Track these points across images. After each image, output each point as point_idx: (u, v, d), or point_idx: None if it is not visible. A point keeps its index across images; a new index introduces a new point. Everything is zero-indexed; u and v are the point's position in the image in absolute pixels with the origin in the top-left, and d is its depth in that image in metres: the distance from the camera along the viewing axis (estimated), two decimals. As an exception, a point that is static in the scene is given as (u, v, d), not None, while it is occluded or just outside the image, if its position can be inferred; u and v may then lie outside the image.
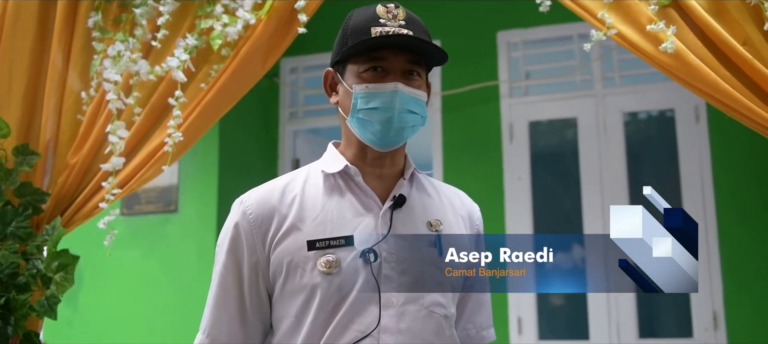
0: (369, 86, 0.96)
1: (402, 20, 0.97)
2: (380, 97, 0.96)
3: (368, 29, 0.96)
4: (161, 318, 2.53)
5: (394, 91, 0.96)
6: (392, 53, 0.96)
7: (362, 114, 0.97)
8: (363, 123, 0.98)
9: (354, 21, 0.99)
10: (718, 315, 2.48)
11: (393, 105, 0.96)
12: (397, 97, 0.96)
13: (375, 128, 0.97)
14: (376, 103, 0.96)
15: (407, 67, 0.97)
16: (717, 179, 2.55)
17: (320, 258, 0.94)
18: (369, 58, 0.97)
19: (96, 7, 1.77)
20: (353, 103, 0.98)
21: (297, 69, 3.13)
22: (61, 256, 1.66)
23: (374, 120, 0.96)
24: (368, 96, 0.96)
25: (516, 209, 2.72)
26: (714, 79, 1.31)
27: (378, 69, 0.97)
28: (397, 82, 0.96)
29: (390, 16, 0.97)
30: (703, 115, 2.61)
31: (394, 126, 0.97)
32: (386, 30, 0.95)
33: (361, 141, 1.00)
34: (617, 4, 1.41)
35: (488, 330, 1.10)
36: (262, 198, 0.99)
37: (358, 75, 0.97)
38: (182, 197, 2.62)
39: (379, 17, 0.97)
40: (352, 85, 0.98)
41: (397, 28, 0.96)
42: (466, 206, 1.09)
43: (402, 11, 0.98)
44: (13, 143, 1.68)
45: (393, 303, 0.94)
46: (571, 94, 2.79)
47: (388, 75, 0.97)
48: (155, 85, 1.70)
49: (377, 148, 0.99)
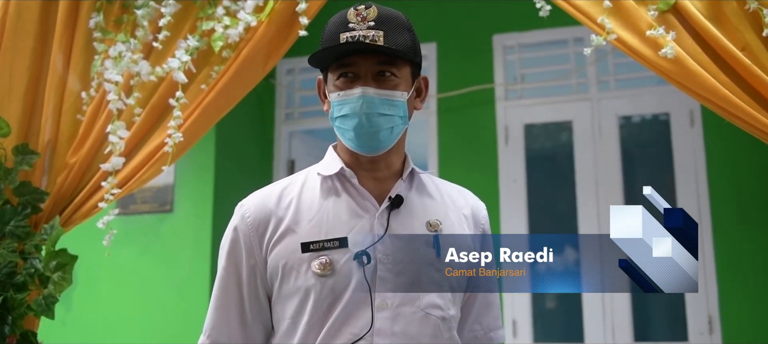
0: (340, 94, 0.97)
1: (371, 21, 0.96)
2: (349, 104, 0.96)
3: (337, 36, 0.96)
4: (156, 317, 2.52)
5: (361, 95, 0.95)
6: (361, 57, 0.96)
7: (338, 122, 0.98)
8: (340, 131, 0.99)
9: (328, 28, 0.99)
10: (714, 318, 2.49)
11: (360, 109, 0.96)
12: (363, 102, 0.96)
13: (350, 135, 0.98)
14: (346, 109, 0.96)
15: (378, 69, 0.96)
16: (712, 183, 2.57)
17: (314, 260, 0.94)
18: (339, 65, 0.97)
19: (97, 8, 1.78)
20: (331, 111, 0.99)
21: (293, 70, 3.14)
22: (60, 256, 1.66)
23: (347, 127, 0.97)
24: (340, 103, 0.97)
25: (511, 211, 2.74)
26: (713, 84, 1.33)
27: (348, 75, 0.97)
28: (365, 85, 0.96)
29: (359, 19, 0.96)
30: (697, 119, 2.64)
31: (366, 130, 0.96)
32: (353, 35, 0.95)
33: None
34: (617, 9, 1.43)
35: (497, 332, 1.09)
36: (260, 201, 1.00)
37: (333, 83, 0.98)
38: (178, 197, 2.62)
39: (348, 22, 0.96)
40: (329, 93, 0.99)
41: (365, 31, 0.95)
42: (470, 204, 1.08)
43: (373, 11, 0.97)
44: (12, 142, 1.68)
45: (387, 305, 0.94)
46: (567, 97, 2.81)
47: (358, 80, 0.97)
48: (156, 85, 1.70)
49: (362, 152, 1.00)
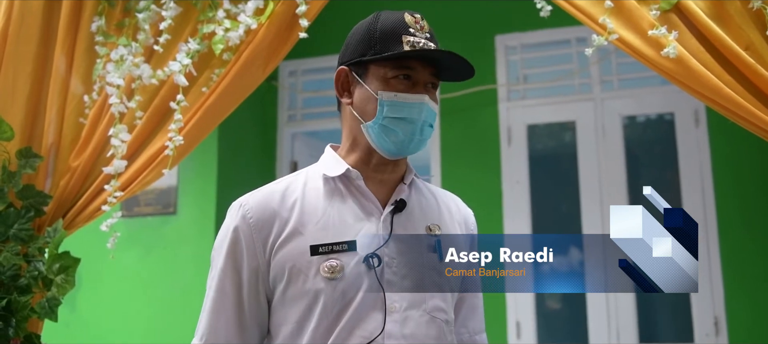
0: (398, 95, 0.95)
1: (427, 33, 0.98)
2: (409, 108, 0.95)
3: (399, 36, 0.95)
4: (159, 319, 2.52)
5: (422, 103, 0.96)
6: (420, 64, 0.97)
7: (388, 122, 0.96)
8: (386, 131, 0.97)
9: (383, 24, 0.97)
10: (720, 319, 2.47)
11: (420, 117, 0.96)
12: (424, 110, 0.96)
13: (398, 138, 0.96)
14: (404, 113, 0.95)
15: (431, 79, 0.98)
16: (717, 183, 2.55)
17: (323, 263, 0.93)
18: (400, 65, 0.96)
19: (99, 12, 1.78)
20: (379, 109, 0.96)
21: (296, 72, 3.14)
22: (62, 258, 1.66)
23: (399, 129, 0.96)
24: (396, 105, 0.95)
25: (514, 212, 2.72)
26: (716, 83, 1.32)
27: (409, 78, 0.96)
28: (425, 93, 0.96)
29: (418, 26, 0.98)
30: (702, 119, 2.61)
31: (417, 138, 0.97)
32: (417, 40, 0.96)
33: (370, 146, 0.99)
34: (618, 9, 1.42)
35: (481, 335, 1.09)
36: (263, 201, 0.97)
37: (386, 81, 0.96)
38: (181, 199, 2.62)
39: (408, 26, 0.97)
40: (377, 91, 0.96)
41: (425, 40, 0.96)
42: (461, 211, 1.10)
43: (426, 23, 0.99)
44: (16, 146, 1.69)
45: (396, 308, 0.94)
46: (570, 97, 2.79)
47: (416, 86, 0.97)
48: (157, 88, 1.71)
49: (391, 156, 0.99)
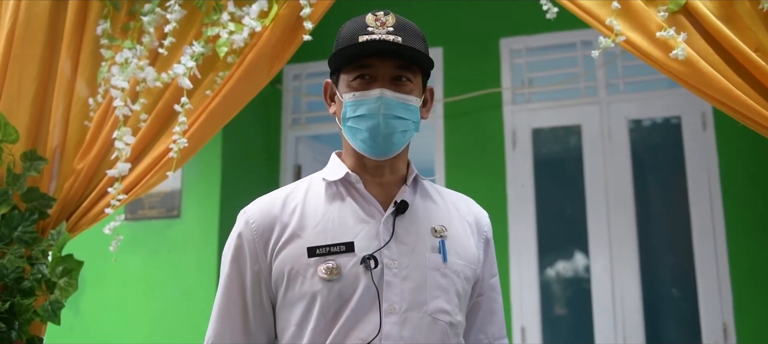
0: (356, 94, 0.97)
1: (390, 27, 0.97)
2: (366, 104, 0.96)
3: (356, 37, 0.97)
4: (163, 322, 2.52)
5: (380, 96, 0.96)
6: (379, 60, 0.97)
7: (351, 122, 0.98)
8: (353, 131, 0.99)
9: (344, 31, 1.00)
10: (728, 326, 2.44)
11: (378, 111, 0.96)
12: (381, 103, 0.96)
13: (363, 135, 0.97)
14: (362, 110, 0.96)
15: (395, 73, 0.98)
16: (725, 187, 2.52)
17: (321, 264, 0.93)
18: (356, 66, 0.98)
19: (105, 15, 1.79)
20: (343, 111, 0.99)
21: (300, 76, 3.14)
22: (66, 261, 1.66)
23: (362, 127, 0.97)
24: (356, 104, 0.97)
25: (519, 217, 2.71)
26: (726, 85, 1.30)
27: (365, 76, 0.97)
28: (383, 88, 0.96)
29: (378, 23, 0.98)
30: (710, 122, 2.59)
31: (381, 132, 0.97)
32: (373, 38, 0.96)
33: (356, 150, 1.01)
34: (625, 10, 1.40)
35: (501, 341, 1.08)
36: (265, 208, 1.00)
37: (348, 84, 0.98)
38: (185, 202, 2.62)
39: (367, 26, 0.97)
40: (343, 94, 0.99)
41: (384, 35, 0.96)
42: (473, 212, 1.09)
43: (392, 18, 0.99)
44: (21, 148, 1.68)
45: (395, 310, 0.93)
46: (575, 101, 2.78)
47: (375, 82, 0.97)
48: (161, 91, 1.70)
49: (370, 156, 0.99)
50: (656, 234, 2.66)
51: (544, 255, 2.70)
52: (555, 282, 2.73)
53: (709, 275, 2.49)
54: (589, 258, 2.65)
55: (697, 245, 2.53)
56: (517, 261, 2.68)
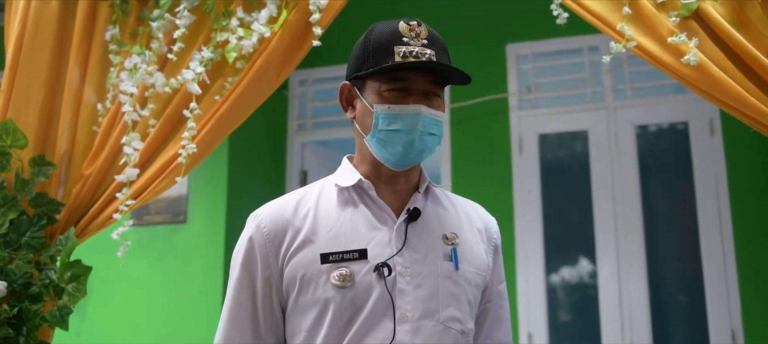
0: (391, 107, 0.95)
1: (424, 39, 0.96)
2: (402, 119, 0.95)
3: (391, 48, 0.95)
4: (169, 328, 2.52)
5: (417, 113, 0.95)
6: (415, 74, 0.96)
7: (383, 135, 0.96)
8: (383, 143, 0.97)
9: (376, 37, 0.97)
10: (737, 331, 2.42)
11: (415, 127, 0.95)
12: (419, 120, 0.95)
13: (396, 149, 0.96)
14: (398, 125, 0.95)
15: (429, 88, 0.97)
16: (733, 193, 2.51)
17: (334, 271, 0.93)
18: (392, 77, 0.96)
19: (113, 21, 1.79)
20: (374, 122, 0.96)
21: (306, 81, 3.14)
22: (74, 267, 1.66)
23: (395, 141, 0.95)
24: (390, 117, 0.95)
25: (526, 222, 2.70)
26: (738, 91, 1.29)
27: (401, 89, 0.96)
28: (419, 103, 0.95)
29: (413, 34, 0.96)
30: (717, 128, 2.58)
31: (415, 148, 0.96)
32: (410, 49, 0.94)
33: (376, 158, 0.99)
34: (636, 16, 1.40)
35: None
36: (276, 212, 0.99)
37: (380, 93, 0.96)
38: (191, 208, 2.62)
39: (402, 35, 0.96)
40: (372, 104, 0.97)
41: (420, 48, 0.95)
42: (482, 219, 1.08)
43: (424, 29, 0.98)
44: (29, 154, 1.69)
45: (408, 317, 0.93)
46: (582, 106, 2.77)
47: (410, 96, 0.96)
48: (170, 97, 1.71)
49: (394, 168, 0.99)
50: (663, 239, 2.65)
51: (550, 260, 2.69)
52: (562, 288, 2.72)
53: (717, 280, 2.48)
54: (596, 264, 2.64)
55: (704, 250, 2.52)
56: (524, 267, 2.67)
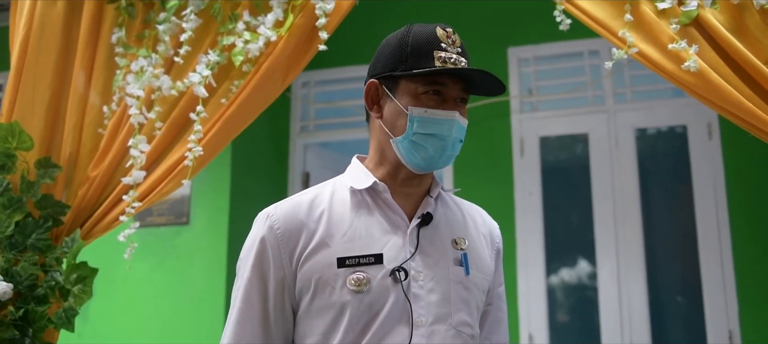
0: (429, 111, 0.95)
1: (459, 47, 0.98)
2: (438, 124, 0.95)
3: (431, 52, 0.95)
4: (171, 329, 2.52)
5: (452, 119, 0.96)
6: (451, 80, 0.97)
7: (418, 138, 0.96)
8: (415, 146, 0.96)
9: (414, 39, 0.97)
10: (734, 332, 2.45)
11: (450, 133, 0.96)
12: (454, 126, 0.96)
13: (428, 153, 0.96)
14: (433, 129, 0.95)
15: (461, 95, 0.98)
16: (731, 196, 2.54)
17: (350, 275, 0.92)
18: (431, 81, 0.96)
19: (119, 24, 1.80)
20: (409, 124, 0.96)
21: (309, 83, 3.16)
22: (80, 268, 1.67)
23: (429, 145, 0.95)
24: (427, 121, 0.95)
25: (527, 225, 2.72)
26: (737, 97, 1.31)
27: (437, 93, 0.96)
28: (456, 110, 0.96)
29: (450, 41, 0.98)
30: (715, 132, 2.61)
31: (447, 153, 0.97)
32: (449, 56, 0.95)
33: (399, 161, 0.99)
34: (638, 22, 1.42)
35: None
36: (290, 212, 0.97)
37: (416, 96, 0.96)
38: (194, 209, 2.63)
39: (440, 41, 0.96)
40: (407, 106, 0.96)
41: (457, 56, 0.96)
42: (487, 224, 1.09)
43: (458, 37, 0.99)
44: (35, 156, 1.69)
45: (423, 322, 0.93)
46: (582, 109, 2.79)
47: (445, 102, 0.96)
48: (177, 100, 1.71)
49: (420, 171, 0.99)
50: (662, 241, 2.67)
51: (551, 262, 2.71)
52: (562, 290, 2.74)
53: (715, 282, 2.50)
54: (595, 266, 2.66)
55: (702, 252, 2.54)
56: (525, 269, 2.68)
